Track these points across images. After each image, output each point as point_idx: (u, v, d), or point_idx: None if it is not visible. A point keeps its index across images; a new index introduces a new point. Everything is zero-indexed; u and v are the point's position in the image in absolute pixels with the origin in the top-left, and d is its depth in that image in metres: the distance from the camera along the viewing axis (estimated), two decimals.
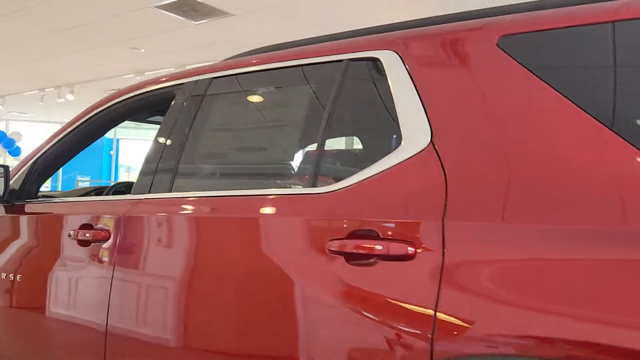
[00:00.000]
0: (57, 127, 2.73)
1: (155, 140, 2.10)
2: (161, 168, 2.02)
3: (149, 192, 2.00)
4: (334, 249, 1.46)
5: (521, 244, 1.22)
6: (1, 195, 2.39)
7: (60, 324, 2.11)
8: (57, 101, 12.71)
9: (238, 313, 1.61)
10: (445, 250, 1.30)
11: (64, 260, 2.16)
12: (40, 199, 2.51)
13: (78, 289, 2.07)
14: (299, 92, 1.94)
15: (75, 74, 10.98)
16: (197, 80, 2.09)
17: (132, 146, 18.11)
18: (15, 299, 2.36)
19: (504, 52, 1.41)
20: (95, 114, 2.39)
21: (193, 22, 7.57)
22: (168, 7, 7.03)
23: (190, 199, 1.89)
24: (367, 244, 1.42)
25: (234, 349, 1.62)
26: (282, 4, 6.68)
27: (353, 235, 1.45)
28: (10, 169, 2.43)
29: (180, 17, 7.40)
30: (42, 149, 2.53)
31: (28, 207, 2.46)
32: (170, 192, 1.95)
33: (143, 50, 9.15)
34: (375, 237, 1.41)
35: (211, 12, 7.20)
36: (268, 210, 1.67)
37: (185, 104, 2.08)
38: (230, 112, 2.12)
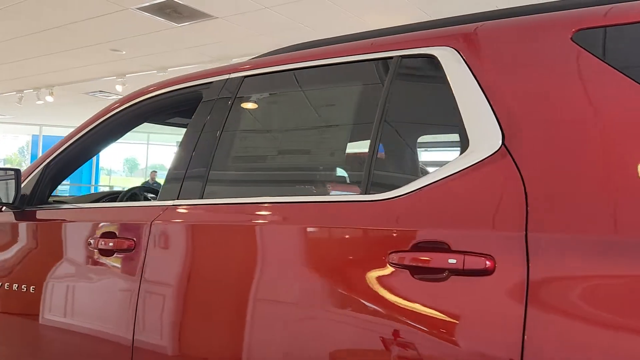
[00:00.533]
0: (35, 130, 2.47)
1: (183, 143, 1.88)
2: (191, 173, 1.81)
3: (178, 199, 1.79)
4: (396, 262, 1.28)
5: (620, 258, 1.06)
6: (12, 201, 2.14)
7: (78, 339, 1.87)
8: (36, 103, 12.21)
9: (293, 333, 1.41)
10: (530, 264, 1.13)
11: (83, 271, 1.93)
12: (53, 205, 2.25)
13: (99, 302, 1.83)
14: (343, 92, 1.75)
15: (55, 75, 10.55)
16: (227, 79, 1.89)
17: (112, 149, 17.58)
18: (28, 312, 2.08)
19: (580, 46, 1.25)
20: (112, 115, 2.15)
21: (175, 24, 7.29)
22: (150, 9, 6.75)
23: (227, 205, 1.69)
24: (437, 256, 1.24)
25: None
26: (265, 8, 6.46)
27: (418, 247, 1.27)
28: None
29: (162, 20, 7.12)
30: (55, 151, 2.26)
31: (41, 214, 2.20)
32: (202, 198, 1.74)
33: (124, 52, 8.81)
34: (446, 249, 1.24)
35: (194, 15, 6.94)
36: (318, 218, 1.48)
37: (215, 104, 1.87)
38: (267, 113, 1.91)
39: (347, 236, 1.40)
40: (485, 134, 1.30)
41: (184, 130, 1.97)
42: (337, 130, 1.74)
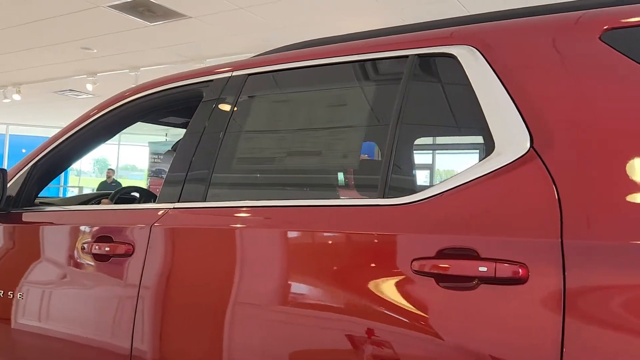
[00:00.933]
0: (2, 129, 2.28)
1: (183, 143, 1.75)
2: (193, 175, 1.68)
3: (179, 201, 1.66)
4: (420, 270, 1.19)
5: None
6: None
7: (70, 348, 1.73)
8: (2, 101, 11.71)
9: (315, 343, 1.30)
10: (566, 272, 1.05)
11: (76, 277, 1.77)
12: (40, 207, 2.08)
13: (93, 310, 1.69)
14: (356, 92, 1.64)
15: (23, 73, 10.12)
16: (230, 77, 1.76)
17: None
18: (15, 320, 1.91)
19: (610, 46, 1.19)
20: (105, 113, 1.99)
21: (148, 23, 7.06)
22: (122, 7, 6.51)
23: (234, 208, 1.57)
24: (466, 264, 1.16)
25: None
26: (240, 8, 6.31)
27: (444, 254, 1.19)
28: None
29: (135, 18, 6.88)
30: (43, 150, 2.09)
31: (28, 216, 2.03)
32: (206, 200, 1.62)
33: (95, 51, 8.50)
34: (475, 256, 1.15)
35: (167, 14, 6.73)
36: (334, 223, 1.37)
37: (217, 103, 1.74)
38: (275, 113, 1.79)
39: (366, 242, 1.30)
40: (512, 137, 1.22)
41: (164, 130, 1.83)
42: (351, 132, 1.63)
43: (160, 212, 1.67)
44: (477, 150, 1.31)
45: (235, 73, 1.76)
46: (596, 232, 1.07)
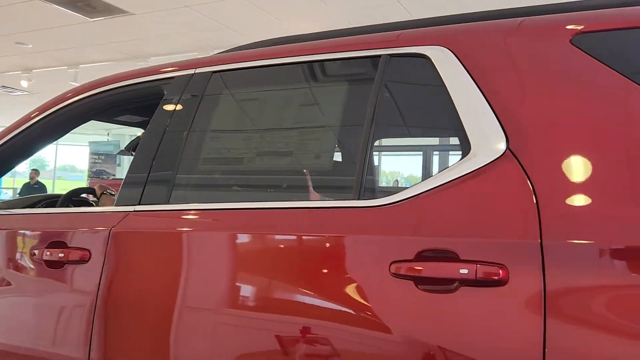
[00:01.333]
0: None
1: (144, 143, 1.64)
2: (155, 176, 1.58)
3: (140, 204, 1.56)
4: (399, 272, 1.15)
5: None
6: None
7: None
8: None
9: (288, 350, 1.24)
10: (546, 273, 1.04)
11: (25, 287, 1.63)
12: None
13: (45, 321, 1.55)
14: (327, 91, 1.58)
15: None
16: (193, 75, 1.67)
17: None
18: None
19: (581, 49, 1.19)
20: (56, 111, 1.85)
21: (88, 18, 6.74)
22: (60, 2, 6.18)
23: (200, 211, 1.48)
24: (446, 266, 1.13)
25: None
26: (185, 6, 6.13)
27: (423, 256, 1.15)
28: None
29: (74, 13, 6.55)
30: None
31: None
32: (169, 203, 1.52)
33: (30, 46, 8.05)
34: (455, 258, 1.13)
35: (108, 10, 6.45)
36: (308, 226, 1.31)
37: (181, 101, 1.64)
38: (243, 112, 1.70)
39: (342, 245, 1.26)
40: (488, 138, 1.20)
41: (106, 129, 1.71)
42: (323, 132, 1.57)
43: (119, 216, 1.56)
44: (453, 152, 1.29)
45: (198, 70, 1.67)
46: (574, 232, 1.06)
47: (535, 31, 1.27)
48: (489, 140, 1.20)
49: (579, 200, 1.08)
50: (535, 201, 1.10)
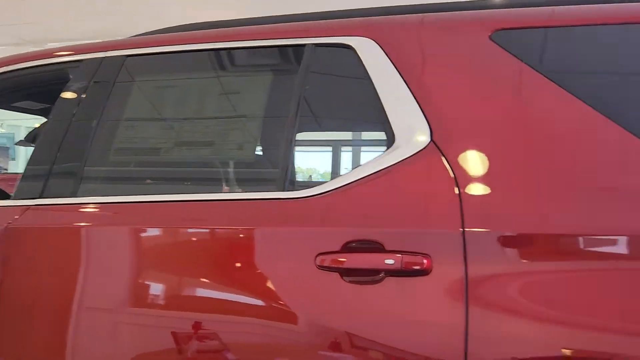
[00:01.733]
0: None
1: (47, 132, 1.48)
2: (60, 167, 1.43)
3: (41, 197, 1.41)
4: (325, 265, 1.12)
5: (555, 254, 1.05)
6: None
7: None
8: None
9: (207, 348, 1.17)
10: (467, 262, 1.06)
11: None
12: None
13: None
14: (250, 80, 1.51)
15: None
16: (104, 59, 1.53)
17: None
18: None
19: (499, 45, 1.22)
20: None
21: None
22: None
23: (111, 205, 1.36)
24: (373, 257, 1.12)
25: None
26: None
27: (349, 247, 1.14)
28: None
29: None
30: None
31: None
32: (75, 196, 1.39)
33: None
34: (380, 249, 1.12)
35: None
36: (230, 219, 1.25)
37: (89, 87, 1.50)
38: (159, 100, 1.58)
39: (265, 238, 1.21)
40: (412, 130, 1.20)
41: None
42: (245, 122, 1.50)
43: (17, 210, 1.41)
44: (378, 143, 1.28)
45: (109, 54, 1.54)
46: (494, 221, 1.08)
47: (458, 26, 1.29)
48: (413, 132, 1.19)
49: (499, 190, 1.11)
50: (457, 192, 1.11)
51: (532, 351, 1.01)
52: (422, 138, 1.18)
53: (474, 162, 1.14)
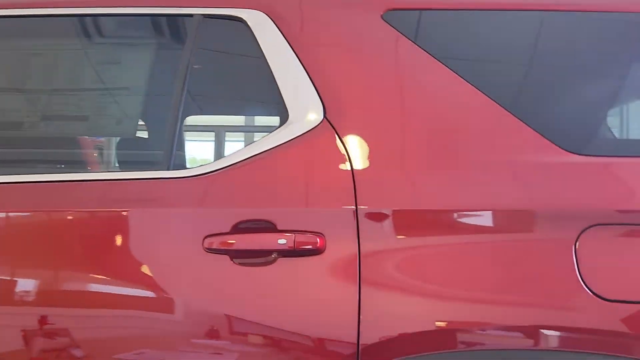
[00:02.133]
0: None
1: None
2: None
3: None
4: (213, 247, 1.06)
5: (446, 229, 1.07)
6: None
7: None
8: None
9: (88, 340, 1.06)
10: (360, 239, 1.05)
11: None
12: None
13: None
14: (131, 51, 1.36)
15: None
16: None
17: None
18: None
19: (390, 25, 1.21)
20: None
21: None
22: None
23: None
24: (264, 237, 1.06)
25: None
26: None
27: (239, 228, 1.08)
28: None
29: None
30: None
31: None
32: None
33: None
34: (272, 229, 1.07)
35: None
36: (100, 200, 1.13)
37: None
38: (21, 70, 1.37)
39: (149, 220, 1.12)
40: (306, 107, 1.16)
41: None
42: (126, 96, 1.35)
43: None
44: (271, 122, 1.22)
45: None
46: (388, 199, 1.08)
47: (352, 4, 1.26)
48: (307, 109, 1.15)
49: (390, 168, 1.11)
50: (350, 169, 1.09)
51: (420, 325, 1.02)
52: (315, 116, 1.14)
53: (366, 139, 1.13)
